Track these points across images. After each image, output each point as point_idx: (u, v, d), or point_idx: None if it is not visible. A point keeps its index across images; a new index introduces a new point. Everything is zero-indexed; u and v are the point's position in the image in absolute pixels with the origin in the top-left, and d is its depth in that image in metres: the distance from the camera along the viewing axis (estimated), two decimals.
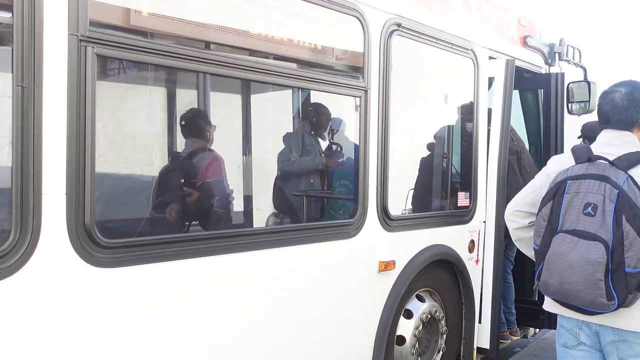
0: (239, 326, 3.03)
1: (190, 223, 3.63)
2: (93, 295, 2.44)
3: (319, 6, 3.36)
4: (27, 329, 2.26)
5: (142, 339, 2.63)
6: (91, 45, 2.39)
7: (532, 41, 5.58)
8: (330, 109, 4.69)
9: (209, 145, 3.93)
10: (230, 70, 3.00)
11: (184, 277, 2.76)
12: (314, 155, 4.60)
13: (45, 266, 2.30)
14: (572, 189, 2.60)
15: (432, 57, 4.30)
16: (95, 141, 2.43)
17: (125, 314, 2.56)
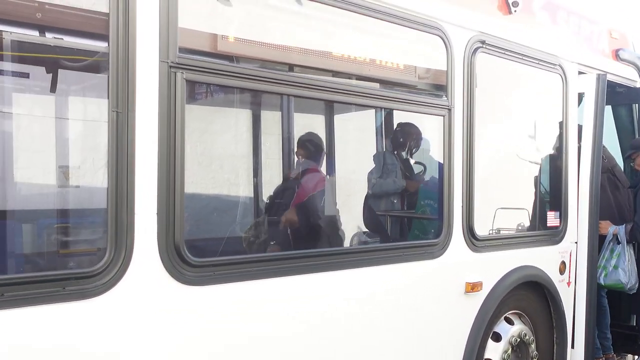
0: (321, 347, 3.03)
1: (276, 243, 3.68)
2: (183, 312, 2.51)
3: (402, 26, 3.36)
4: (120, 344, 2.35)
5: (228, 356, 2.67)
6: (180, 71, 2.48)
7: (625, 54, 5.35)
8: (414, 128, 4.66)
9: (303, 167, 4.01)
10: (316, 92, 3.04)
11: (269, 295, 2.79)
12: (398, 175, 4.58)
13: (137, 283, 2.38)
14: None
15: (518, 74, 4.20)
16: (185, 163, 2.52)
17: (213, 332, 2.61)
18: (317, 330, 3.00)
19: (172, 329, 2.48)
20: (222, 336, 2.64)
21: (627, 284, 4.80)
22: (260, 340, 2.77)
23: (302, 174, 3.95)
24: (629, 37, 5.54)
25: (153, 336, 2.43)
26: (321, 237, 3.87)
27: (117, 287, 2.34)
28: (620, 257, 4.85)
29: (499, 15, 4.00)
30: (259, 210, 3.88)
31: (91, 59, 2.54)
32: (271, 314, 2.81)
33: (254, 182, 3.92)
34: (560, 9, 4.59)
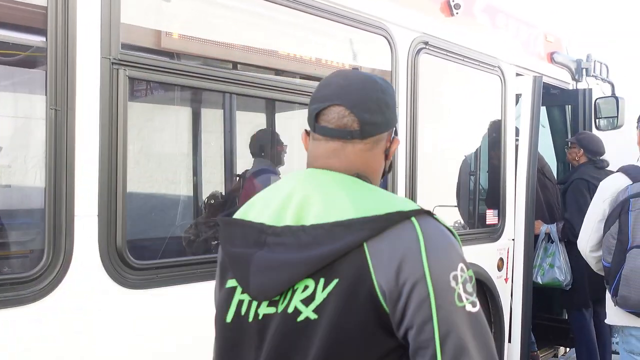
0: None
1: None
2: (125, 317, 2.44)
3: (348, 26, 3.36)
4: (59, 350, 2.26)
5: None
6: (123, 68, 2.40)
7: (559, 57, 5.53)
8: None
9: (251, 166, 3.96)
10: (261, 91, 3.01)
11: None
12: None
13: (77, 288, 2.30)
14: (635, 207, 2.74)
15: (459, 75, 4.28)
16: (127, 163, 2.44)
17: (158, 336, 2.55)
18: None
19: (114, 336, 2.41)
20: (167, 340, 2.58)
21: (564, 281, 4.97)
22: (206, 343, 2.72)
23: (248, 173, 3.90)
24: (563, 41, 5.73)
25: (95, 343, 2.35)
26: None
27: (55, 293, 2.24)
28: (555, 255, 5.02)
29: (442, 17, 4.06)
30: (204, 211, 3.81)
31: (27, 54, 2.43)
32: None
33: (198, 183, 3.85)
34: (499, 13, 4.70)
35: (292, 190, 1.40)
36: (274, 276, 1.32)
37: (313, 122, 1.44)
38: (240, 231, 1.43)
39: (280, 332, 1.32)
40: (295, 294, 1.30)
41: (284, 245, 1.34)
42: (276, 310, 1.33)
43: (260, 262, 1.35)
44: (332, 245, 1.27)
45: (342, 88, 1.43)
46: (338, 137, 1.41)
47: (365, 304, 1.25)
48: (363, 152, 1.43)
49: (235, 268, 1.41)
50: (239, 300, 1.40)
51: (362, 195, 1.36)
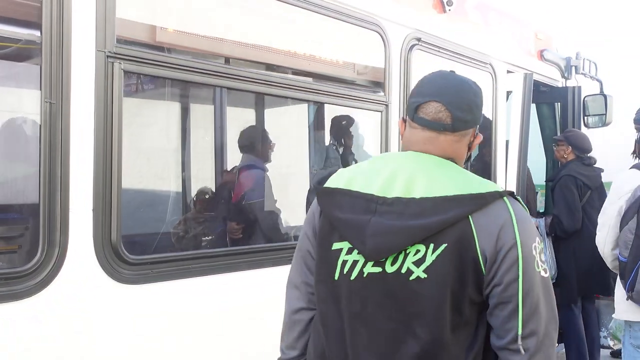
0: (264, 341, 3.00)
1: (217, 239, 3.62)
2: (120, 312, 2.42)
3: (341, 21, 3.36)
4: (53, 345, 2.24)
5: (166, 356, 2.60)
6: (118, 62, 2.39)
7: (549, 55, 5.56)
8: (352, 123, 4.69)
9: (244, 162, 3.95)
10: (258, 86, 3.00)
11: (210, 293, 2.73)
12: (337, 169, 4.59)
13: (71, 283, 2.28)
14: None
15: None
16: (122, 157, 2.42)
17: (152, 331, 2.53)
18: (260, 326, 2.96)
19: (109, 331, 2.39)
20: (162, 335, 2.57)
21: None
22: (201, 338, 2.72)
23: (244, 169, 3.89)
24: (553, 39, 5.76)
25: (89, 338, 2.33)
26: (263, 233, 3.83)
27: (50, 288, 2.22)
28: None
29: (434, 13, 4.06)
30: (200, 206, 3.80)
31: (22, 47, 2.41)
32: (212, 311, 2.75)
33: (195, 178, 3.83)
34: (491, 10, 4.72)
35: (397, 167, 1.67)
36: (390, 239, 1.58)
37: (413, 112, 1.73)
38: (348, 200, 1.67)
39: (391, 288, 1.58)
40: (407, 257, 1.57)
41: (395, 213, 1.59)
42: (382, 270, 1.59)
43: (377, 227, 1.59)
44: (444, 215, 1.54)
45: (442, 88, 1.71)
46: (434, 128, 1.69)
47: (468, 265, 1.55)
48: (453, 143, 1.71)
49: (348, 231, 1.65)
50: (343, 261, 1.66)
51: (458, 175, 1.65)
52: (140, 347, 2.50)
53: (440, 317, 1.55)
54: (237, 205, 3.81)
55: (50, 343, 2.23)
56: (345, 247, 1.67)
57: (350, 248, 1.66)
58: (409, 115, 1.76)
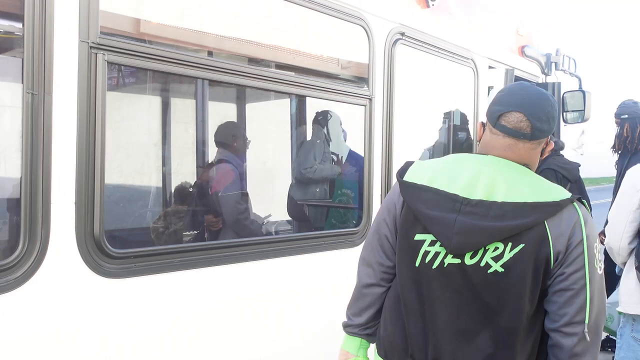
0: (244, 335, 3.00)
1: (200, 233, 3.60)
2: (103, 306, 2.40)
3: (326, 15, 3.34)
4: (35, 339, 2.21)
5: (150, 349, 2.58)
6: (102, 53, 2.35)
7: (530, 51, 5.61)
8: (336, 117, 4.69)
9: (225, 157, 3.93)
10: (238, 78, 2.98)
11: (192, 287, 2.72)
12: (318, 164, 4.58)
13: (53, 277, 2.25)
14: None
15: (434, 66, 4.30)
16: (106, 149, 2.39)
17: (135, 325, 2.51)
18: (240, 320, 2.96)
19: (91, 325, 2.36)
20: (145, 329, 2.55)
21: None
22: (183, 332, 2.70)
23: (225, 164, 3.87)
24: (534, 35, 5.81)
25: (72, 333, 2.31)
26: (244, 227, 3.82)
27: (31, 281, 2.19)
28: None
29: (418, 8, 4.07)
30: (182, 200, 3.77)
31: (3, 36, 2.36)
32: (195, 305, 2.73)
33: (179, 172, 3.80)
34: (473, 5, 4.74)
35: (479, 171, 1.88)
36: (473, 237, 1.81)
37: (495, 120, 1.94)
38: (433, 197, 1.88)
39: (470, 280, 1.82)
40: (487, 252, 1.81)
41: (478, 214, 1.81)
42: (462, 262, 1.84)
43: (462, 226, 1.81)
44: (524, 220, 1.78)
45: (523, 99, 1.91)
46: (514, 136, 1.91)
47: (541, 263, 1.79)
48: (530, 150, 1.94)
49: (434, 227, 1.86)
50: (425, 251, 1.89)
51: (535, 182, 1.88)
52: (123, 340, 2.47)
53: (519, 308, 1.80)
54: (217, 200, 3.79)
55: (32, 337, 2.20)
56: (428, 239, 1.90)
57: (433, 240, 1.88)
58: (490, 122, 1.96)
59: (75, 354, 2.32)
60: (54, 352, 2.26)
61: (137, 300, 2.52)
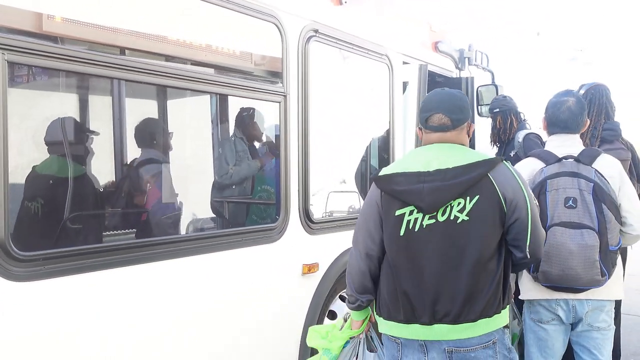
0: (160, 337, 2.99)
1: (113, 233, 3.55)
2: (11, 311, 2.35)
3: (238, 12, 3.37)
4: None
5: (63, 353, 2.55)
6: (1, 52, 2.30)
7: (443, 46, 5.79)
8: (251, 114, 4.71)
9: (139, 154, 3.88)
10: (150, 77, 2.96)
11: (105, 288, 2.69)
12: (235, 161, 4.60)
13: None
14: (552, 187, 3.00)
15: (349, 62, 4.39)
16: (9, 151, 2.34)
17: (47, 330, 2.47)
18: (156, 321, 2.95)
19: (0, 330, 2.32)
20: (58, 333, 2.51)
21: None
22: (97, 334, 2.68)
23: (137, 161, 3.83)
24: (447, 31, 5.99)
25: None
26: (159, 226, 3.79)
27: None
28: None
29: (331, 5, 4.14)
30: (92, 199, 3.70)
31: None
32: (109, 307, 2.71)
33: (86, 171, 3.73)
34: (387, 3, 4.86)
35: (430, 153, 2.50)
36: (440, 196, 2.38)
37: (425, 123, 2.56)
38: (402, 178, 2.45)
39: (445, 231, 2.39)
40: (453, 208, 2.39)
41: (438, 179, 2.40)
42: (436, 220, 2.40)
43: (429, 190, 2.39)
44: (472, 174, 2.38)
45: (439, 102, 2.55)
46: (441, 130, 2.53)
47: (495, 207, 2.39)
48: (457, 135, 2.55)
49: (409, 197, 2.42)
50: (407, 220, 2.43)
51: (469, 151, 2.51)
52: (31, 344, 2.43)
53: (484, 243, 2.37)
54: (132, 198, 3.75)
55: None
56: (407, 210, 2.44)
57: (412, 210, 2.43)
58: (422, 125, 2.58)
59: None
60: None
61: (49, 304, 2.48)
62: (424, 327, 2.43)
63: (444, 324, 2.40)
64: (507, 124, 5.20)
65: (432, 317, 2.41)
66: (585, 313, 3.05)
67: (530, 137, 4.94)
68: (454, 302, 2.38)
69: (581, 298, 3.03)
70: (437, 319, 2.41)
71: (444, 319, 2.40)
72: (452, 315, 2.39)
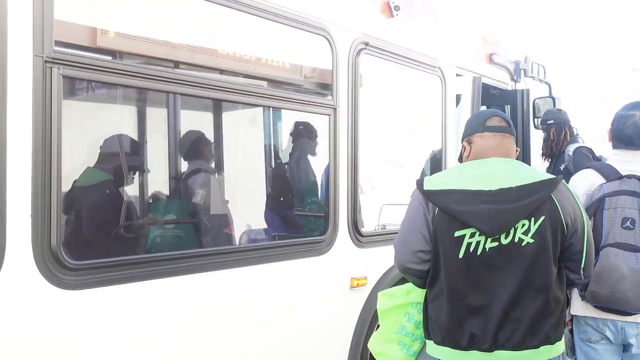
0: (210, 347, 3.01)
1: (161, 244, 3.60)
2: (62, 318, 2.40)
3: (289, 26, 3.39)
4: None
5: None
6: (57, 67, 2.37)
7: (498, 58, 5.68)
8: (302, 127, 4.72)
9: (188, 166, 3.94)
10: (203, 90, 3.00)
11: (153, 298, 2.73)
12: (286, 173, 4.62)
13: (10, 290, 2.26)
14: (610, 205, 2.86)
15: (400, 75, 4.35)
16: (62, 162, 2.41)
17: (95, 337, 2.52)
18: (204, 332, 2.97)
19: (50, 337, 2.37)
20: (105, 341, 2.56)
21: None
22: (145, 344, 2.71)
23: (188, 173, 3.88)
24: (502, 42, 5.88)
25: (30, 346, 2.31)
26: (208, 237, 3.83)
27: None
28: None
29: (382, 18, 4.12)
30: (142, 210, 3.78)
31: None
32: (156, 316, 2.75)
33: (137, 182, 3.81)
34: (439, 14, 4.81)
35: (488, 169, 2.36)
36: (506, 219, 2.25)
37: (482, 125, 2.46)
38: (461, 197, 2.30)
39: (509, 254, 2.27)
40: (517, 230, 2.27)
41: (501, 200, 2.26)
42: (499, 243, 2.27)
43: (493, 212, 2.25)
44: (537, 195, 2.27)
45: (493, 111, 2.54)
46: (501, 131, 2.46)
47: (558, 228, 2.30)
48: (512, 145, 2.47)
49: (471, 219, 2.27)
50: (468, 243, 2.29)
51: (529, 168, 2.50)
52: (80, 352, 2.48)
53: (548, 266, 2.29)
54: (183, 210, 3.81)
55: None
56: (467, 232, 2.29)
57: (473, 232, 2.28)
58: (477, 130, 2.46)
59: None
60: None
61: (97, 312, 2.53)
62: (483, 354, 2.31)
63: (505, 350, 2.29)
64: (560, 136, 5.09)
65: (493, 343, 2.30)
66: (636, 335, 2.91)
67: (582, 151, 4.81)
68: (518, 327, 2.28)
69: (630, 321, 2.89)
70: (498, 344, 2.30)
71: (506, 345, 2.29)
72: (515, 341, 2.29)
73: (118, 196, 3.48)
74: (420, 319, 2.57)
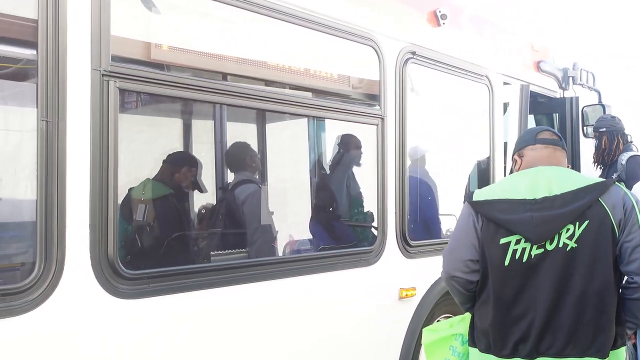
0: (259, 354, 3.01)
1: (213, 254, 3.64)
2: (118, 327, 2.44)
3: (336, 37, 3.40)
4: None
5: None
6: (113, 80, 2.43)
7: (546, 66, 5.59)
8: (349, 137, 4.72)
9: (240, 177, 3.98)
10: (252, 102, 3.04)
11: (206, 307, 2.75)
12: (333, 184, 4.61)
13: (69, 299, 2.30)
14: None
15: (447, 84, 4.32)
16: (118, 173, 2.46)
17: (150, 346, 2.55)
18: (255, 341, 2.98)
19: (106, 345, 2.41)
20: (159, 350, 2.59)
21: None
22: (198, 353, 2.73)
23: (236, 184, 3.91)
24: (550, 50, 5.79)
25: (87, 354, 2.35)
26: (257, 247, 3.85)
27: (48, 303, 2.25)
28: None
29: (429, 27, 4.10)
30: (195, 220, 3.82)
31: (18, 67, 2.45)
32: (209, 326, 2.77)
33: (189, 193, 3.86)
34: (486, 23, 4.76)
35: (534, 177, 2.37)
36: (550, 226, 2.27)
37: (534, 138, 2.50)
38: (505, 206, 2.34)
39: (554, 260, 2.27)
40: (562, 235, 2.27)
41: (546, 208, 2.28)
42: (545, 249, 2.28)
43: (538, 219, 2.27)
44: (582, 201, 2.27)
45: (540, 128, 2.58)
46: (553, 144, 2.48)
47: (607, 232, 2.27)
48: (563, 158, 2.49)
49: (517, 227, 2.29)
50: (513, 250, 2.31)
51: (577, 175, 2.43)
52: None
53: (592, 271, 2.25)
54: (233, 220, 3.83)
55: (46, 356, 2.25)
56: (512, 239, 2.31)
57: (518, 239, 2.30)
58: (529, 143, 2.50)
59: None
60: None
61: (152, 321, 2.56)
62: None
63: (547, 358, 2.28)
64: (612, 145, 4.96)
65: (535, 350, 2.29)
66: None
67: (636, 160, 4.68)
68: (559, 334, 2.27)
69: None
70: (540, 351, 2.29)
71: (548, 352, 2.28)
72: (556, 348, 2.27)
73: (172, 207, 3.53)
74: (464, 350, 2.59)
